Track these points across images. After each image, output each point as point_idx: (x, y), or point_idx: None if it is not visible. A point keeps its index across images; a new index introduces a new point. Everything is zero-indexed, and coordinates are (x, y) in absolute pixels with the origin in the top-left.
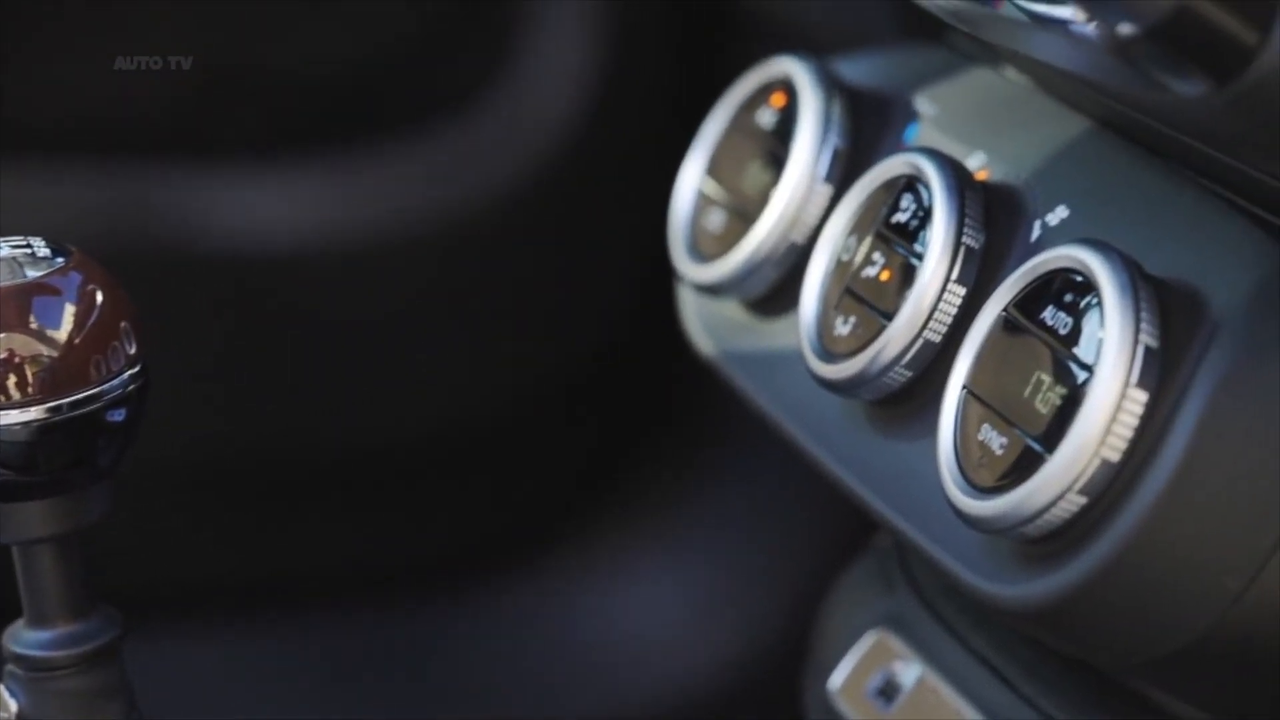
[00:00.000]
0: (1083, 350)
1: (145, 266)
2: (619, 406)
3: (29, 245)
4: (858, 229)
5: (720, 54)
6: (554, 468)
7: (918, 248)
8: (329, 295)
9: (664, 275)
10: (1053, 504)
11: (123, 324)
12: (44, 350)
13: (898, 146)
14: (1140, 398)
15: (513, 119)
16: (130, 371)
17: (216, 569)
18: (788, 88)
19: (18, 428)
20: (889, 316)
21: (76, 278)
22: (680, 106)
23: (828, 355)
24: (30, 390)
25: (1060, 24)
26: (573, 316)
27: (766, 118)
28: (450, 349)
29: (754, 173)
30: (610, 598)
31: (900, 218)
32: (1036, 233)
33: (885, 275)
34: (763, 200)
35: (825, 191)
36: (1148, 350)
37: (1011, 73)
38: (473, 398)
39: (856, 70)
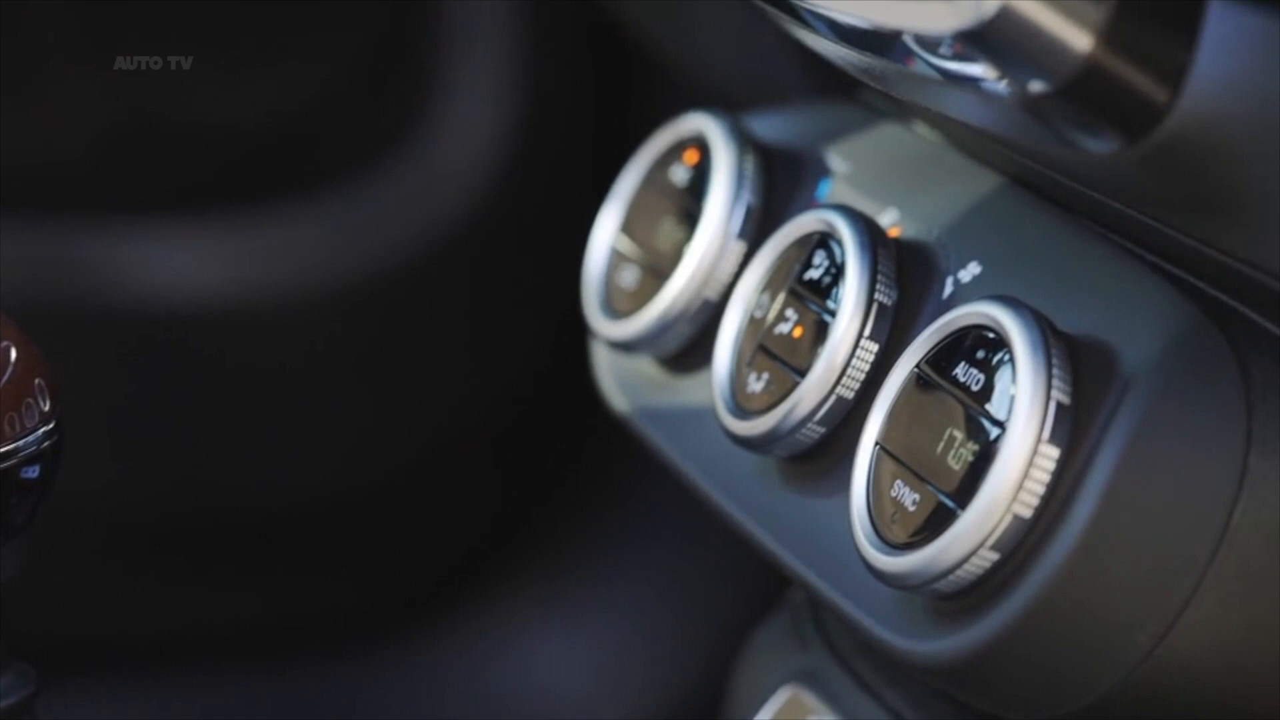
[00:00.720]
0: (995, 407)
1: (59, 322)
2: (532, 462)
3: None
4: (771, 286)
5: (634, 111)
6: (465, 524)
7: (830, 304)
8: (243, 351)
9: (577, 332)
10: (965, 560)
11: (37, 381)
12: None
13: (810, 203)
14: (1052, 454)
15: (426, 175)
16: (44, 429)
17: (129, 626)
18: (701, 145)
19: None
20: (802, 373)
21: None
22: (594, 163)
23: (741, 412)
24: None
25: (972, 82)
26: (486, 372)
27: (680, 174)
28: (361, 405)
29: (667, 229)
30: (523, 655)
31: (813, 274)
32: (949, 289)
33: (798, 332)
34: (676, 257)
35: (738, 248)
36: (1059, 407)
37: (924, 129)
38: (385, 453)
39: (769, 127)
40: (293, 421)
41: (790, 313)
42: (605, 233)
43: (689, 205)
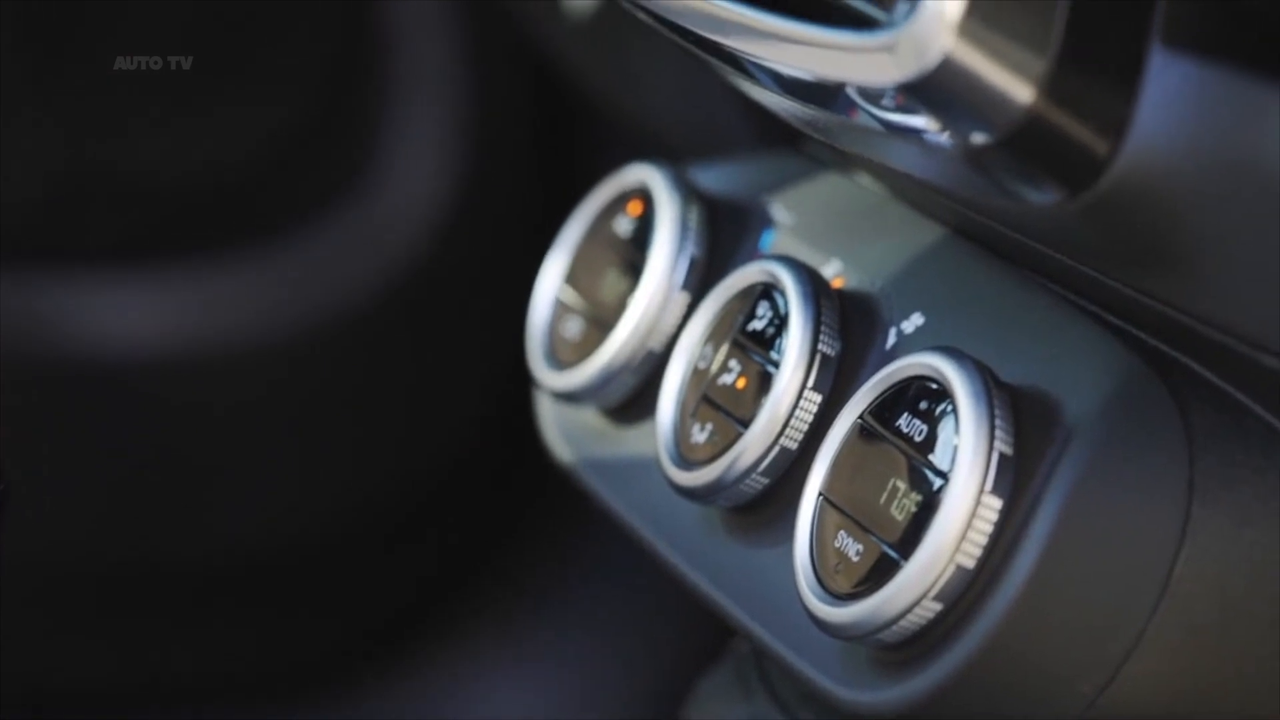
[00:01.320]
0: (938, 457)
1: (4, 373)
2: (479, 512)
3: None
4: (714, 336)
5: (578, 161)
6: (411, 574)
7: (774, 355)
8: (187, 401)
9: (522, 382)
10: (908, 610)
11: None
12: None
13: (754, 254)
14: (994, 505)
15: (371, 225)
16: None
17: (69, 676)
18: (645, 196)
19: None
20: (745, 424)
21: None
22: (538, 213)
23: (684, 462)
24: None
25: (914, 133)
26: (432, 421)
27: (624, 226)
28: (307, 455)
29: (611, 280)
30: (470, 703)
31: (757, 325)
32: (892, 340)
33: (742, 383)
34: (620, 308)
35: (682, 299)
36: (1002, 457)
37: (867, 180)
38: (332, 503)
39: (713, 178)
40: (238, 471)
41: (734, 364)
42: (549, 283)
43: (633, 256)
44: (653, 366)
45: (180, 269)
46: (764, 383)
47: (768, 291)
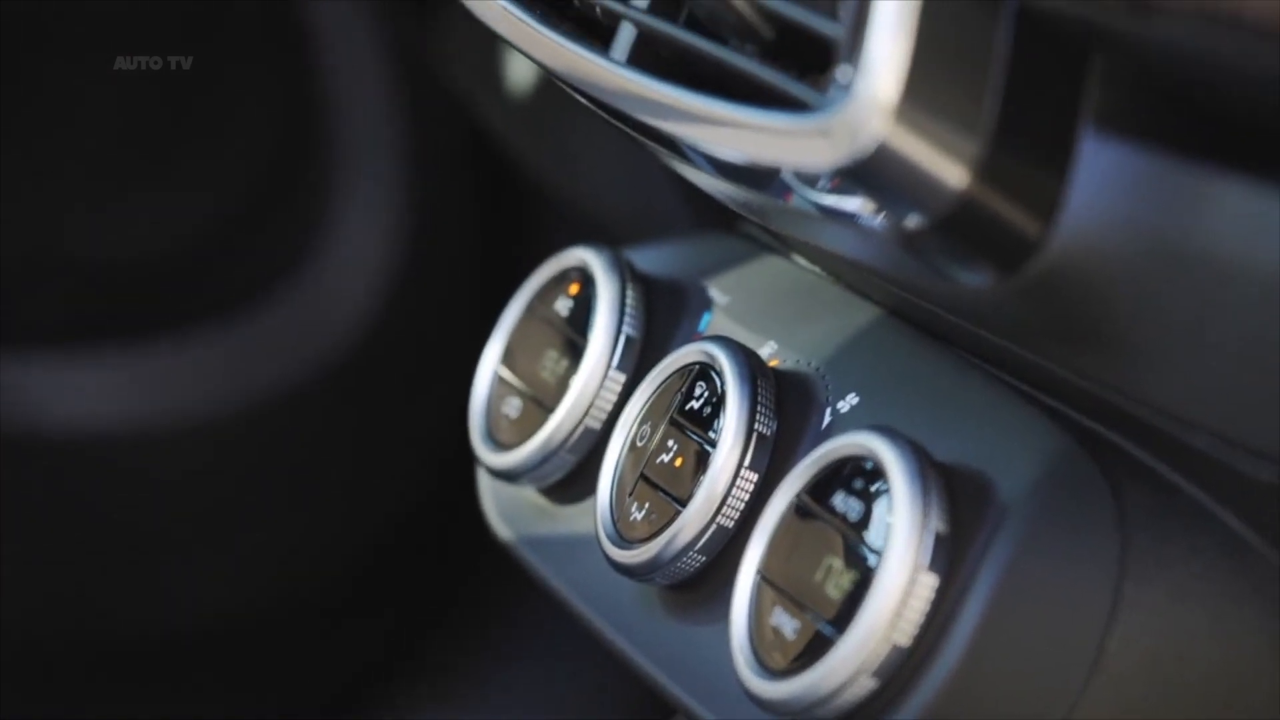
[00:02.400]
0: (873, 536)
1: None
2: (418, 588)
3: None
4: (652, 416)
5: (520, 242)
6: (352, 648)
7: (711, 434)
8: (130, 478)
9: (463, 459)
10: (844, 687)
11: None
12: None
13: (692, 335)
14: (929, 583)
15: (313, 305)
16: None
17: None
18: (584, 277)
19: None
20: (683, 502)
21: None
22: (480, 293)
23: (623, 541)
24: None
25: (849, 216)
26: (373, 499)
27: (563, 306)
28: (249, 531)
29: (551, 360)
30: None
31: (694, 405)
32: (828, 419)
33: (679, 461)
34: (559, 388)
35: (620, 379)
36: (936, 536)
37: (803, 260)
38: (273, 578)
39: (651, 259)
40: (180, 547)
41: (671, 443)
42: (490, 363)
43: (572, 337)
44: (591, 445)
45: (126, 347)
46: (701, 461)
47: (705, 371)
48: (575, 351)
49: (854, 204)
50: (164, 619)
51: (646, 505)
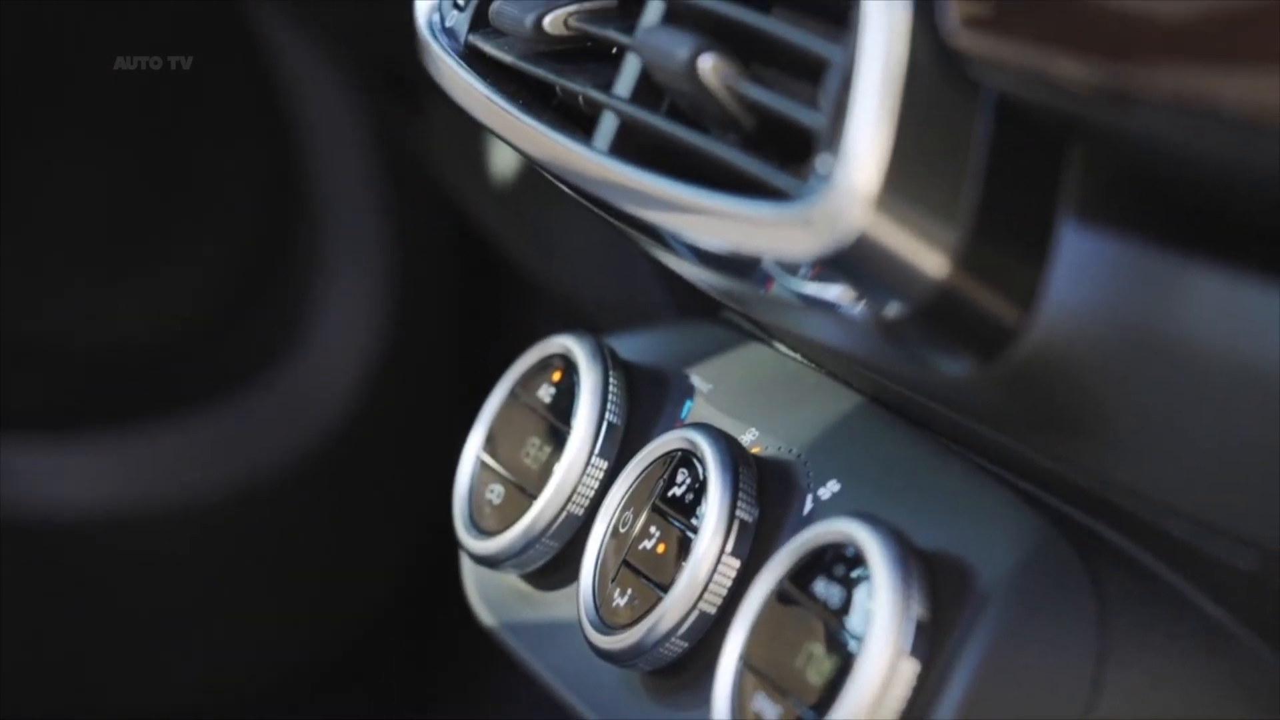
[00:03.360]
0: (854, 622)
1: None
2: (399, 672)
3: None
4: (635, 502)
5: (503, 330)
6: None
7: (693, 521)
8: (114, 564)
9: (446, 544)
10: None
11: None
12: None
13: (674, 422)
14: (910, 669)
15: (297, 391)
16: None
17: None
18: (567, 364)
19: None
20: (665, 588)
21: None
22: (463, 380)
23: (605, 626)
24: None
25: (829, 305)
26: (357, 583)
27: (546, 393)
28: (233, 616)
29: (534, 447)
30: None
31: (676, 491)
32: (809, 506)
33: (661, 548)
34: (542, 474)
35: (602, 465)
36: (917, 623)
37: (784, 348)
38: (252, 663)
39: (633, 347)
40: (164, 630)
41: (654, 529)
42: (473, 449)
43: (555, 423)
44: (574, 531)
45: (111, 432)
46: (683, 548)
47: (687, 458)
48: (558, 438)
49: (834, 292)
50: (149, 699)
51: (629, 591)
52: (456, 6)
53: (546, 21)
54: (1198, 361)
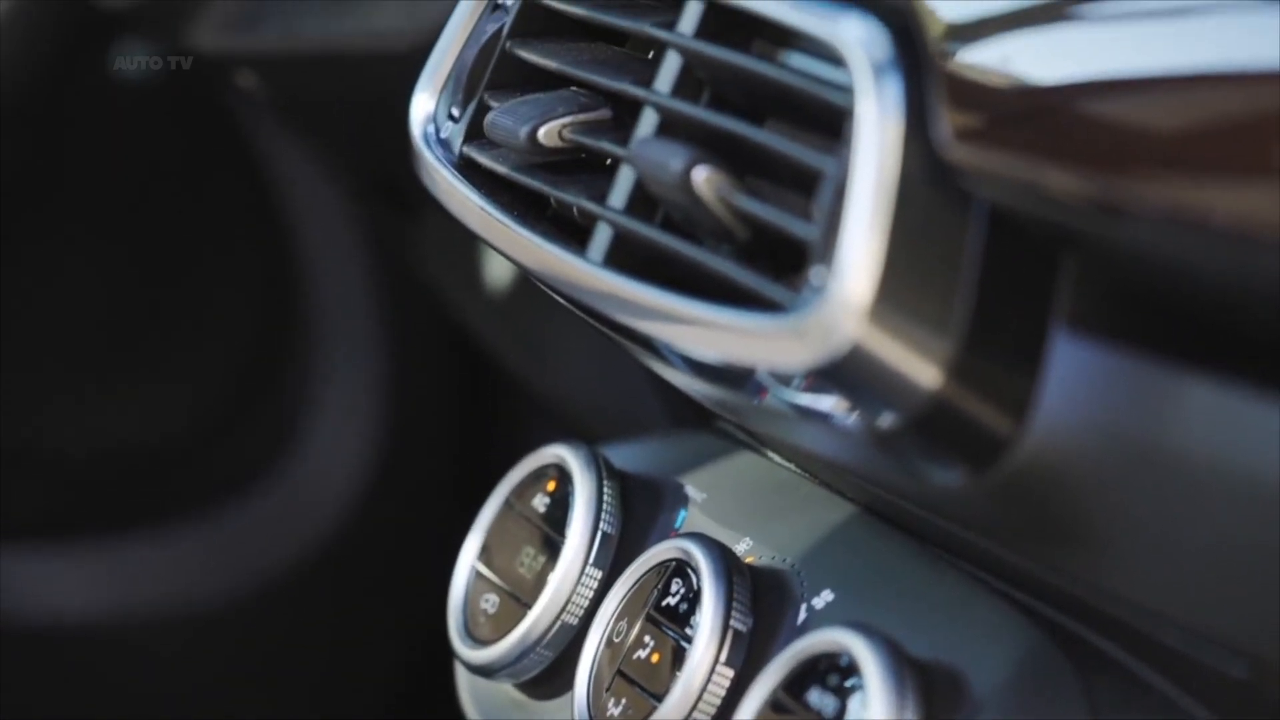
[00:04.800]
0: None
1: None
2: None
3: None
4: (629, 612)
5: (497, 438)
6: None
7: (688, 630)
8: (110, 668)
9: (441, 653)
10: None
11: None
12: None
13: (668, 531)
14: None
15: (292, 498)
16: None
17: None
18: (561, 473)
19: None
20: (659, 698)
21: None
22: (458, 490)
23: None
24: None
25: (822, 415)
26: (349, 692)
27: (540, 503)
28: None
29: (528, 556)
30: None
31: (670, 601)
32: (803, 615)
33: (656, 657)
34: (537, 584)
35: (597, 575)
36: None
37: (778, 457)
38: None
39: (627, 456)
40: None
41: (648, 639)
42: (467, 559)
43: (549, 533)
44: (568, 641)
45: (105, 540)
46: (677, 657)
47: (681, 568)
48: (552, 548)
49: (828, 403)
50: None
51: (623, 701)
52: (451, 118)
53: (541, 133)
54: (1191, 472)
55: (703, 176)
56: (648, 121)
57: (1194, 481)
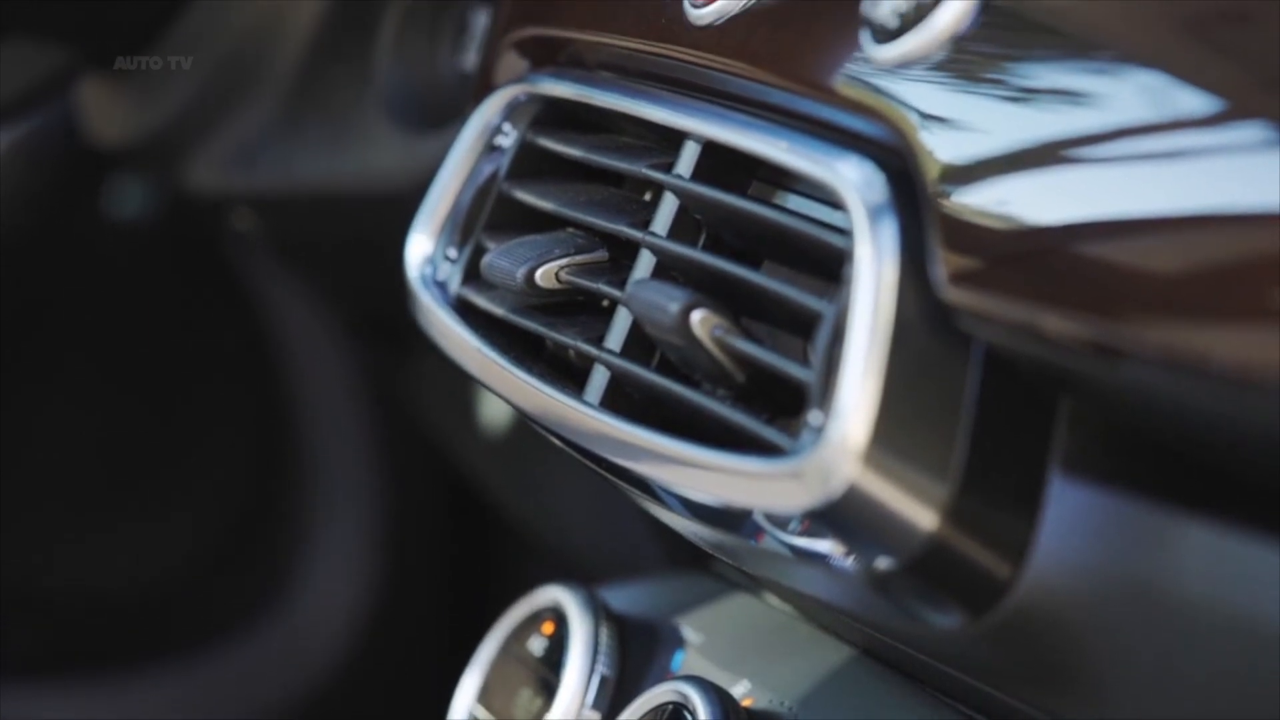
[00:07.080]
0: None
1: None
2: None
3: None
4: None
5: (493, 580)
6: None
7: None
8: None
9: None
10: None
11: None
12: None
13: (665, 674)
14: None
15: (288, 640)
16: None
17: None
18: (558, 616)
19: None
20: None
21: None
22: (454, 631)
23: None
24: None
25: (819, 558)
26: None
27: (537, 645)
28: None
29: (525, 699)
30: None
31: None
32: None
33: None
34: None
35: (594, 718)
36: None
37: (775, 600)
38: None
39: (624, 598)
40: None
41: None
42: (464, 702)
43: (546, 675)
44: None
45: (102, 682)
46: None
47: (679, 711)
48: (549, 690)
49: (825, 545)
50: None
51: None
52: (448, 259)
53: (538, 275)
54: (1190, 616)
55: (699, 319)
56: (644, 263)
57: (1193, 625)
